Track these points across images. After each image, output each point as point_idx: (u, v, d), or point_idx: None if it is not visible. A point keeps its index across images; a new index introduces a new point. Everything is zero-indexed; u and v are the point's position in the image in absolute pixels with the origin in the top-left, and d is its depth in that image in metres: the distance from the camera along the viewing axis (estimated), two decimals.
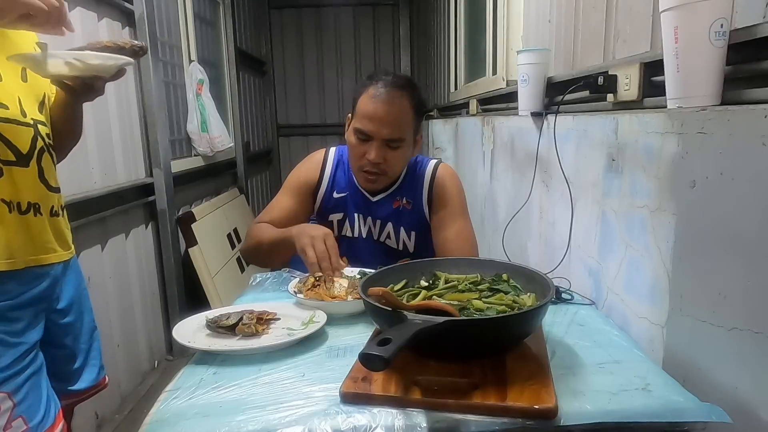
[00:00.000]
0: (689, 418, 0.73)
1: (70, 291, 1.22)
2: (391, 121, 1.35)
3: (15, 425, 1.02)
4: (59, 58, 0.99)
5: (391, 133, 1.35)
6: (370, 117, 1.35)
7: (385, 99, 1.34)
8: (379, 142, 1.36)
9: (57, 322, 1.19)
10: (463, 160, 3.18)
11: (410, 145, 1.43)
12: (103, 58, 1.03)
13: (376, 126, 1.34)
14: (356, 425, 0.72)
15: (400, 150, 1.39)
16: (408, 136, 1.40)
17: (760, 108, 0.74)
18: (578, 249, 1.39)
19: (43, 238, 1.12)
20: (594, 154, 1.30)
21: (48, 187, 1.13)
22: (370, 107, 1.35)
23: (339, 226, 1.52)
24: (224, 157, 3.99)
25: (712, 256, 0.85)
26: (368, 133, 1.36)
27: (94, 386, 1.31)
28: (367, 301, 0.88)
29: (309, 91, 6.13)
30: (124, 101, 2.47)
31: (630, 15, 1.24)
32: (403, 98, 1.36)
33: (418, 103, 1.41)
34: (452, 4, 3.76)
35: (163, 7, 3.03)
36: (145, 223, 2.70)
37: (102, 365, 1.34)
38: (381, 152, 1.36)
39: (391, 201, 1.49)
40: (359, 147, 1.39)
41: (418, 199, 1.49)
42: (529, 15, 2.06)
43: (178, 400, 0.82)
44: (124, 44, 1.07)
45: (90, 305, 1.32)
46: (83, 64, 1.01)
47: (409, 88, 1.39)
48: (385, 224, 1.49)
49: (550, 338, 0.97)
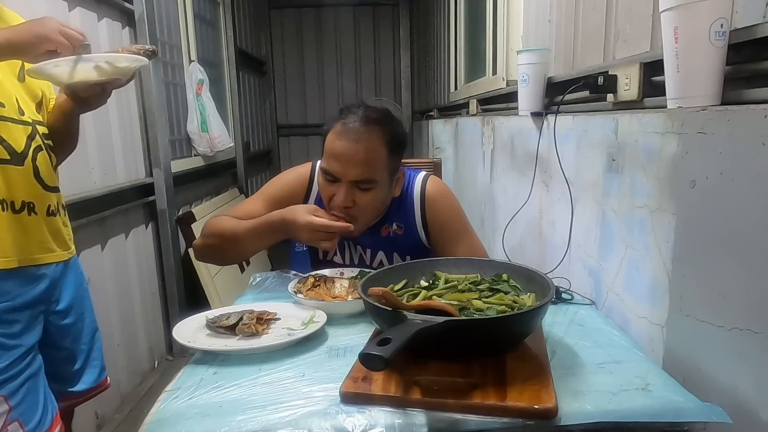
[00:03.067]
0: (689, 418, 0.73)
1: (70, 292, 1.21)
2: (359, 161, 1.21)
3: (11, 429, 1.01)
4: (90, 62, 0.99)
5: (359, 175, 1.22)
6: (336, 156, 1.22)
7: (352, 137, 1.21)
8: (347, 184, 1.22)
9: (56, 323, 1.19)
10: (463, 160, 3.18)
11: (385, 186, 1.29)
12: (130, 60, 1.04)
13: (342, 167, 1.21)
14: (356, 425, 0.72)
15: (372, 192, 1.25)
16: (381, 177, 1.25)
17: (760, 108, 0.75)
18: (578, 249, 1.39)
19: (38, 237, 1.11)
20: (594, 154, 1.30)
21: (44, 186, 1.12)
22: (337, 146, 1.22)
23: (325, 252, 1.42)
24: (224, 157, 3.99)
25: (712, 256, 0.85)
26: (334, 174, 1.23)
27: (95, 387, 1.30)
28: (367, 301, 0.88)
29: (309, 91, 6.13)
30: (124, 101, 2.47)
31: (630, 15, 1.24)
32: (372, 135, 1.22)
33: (392, 139, 1.26)
34: (452, 4, 3.76)
35: (163, 7, 3.03)
36: (145, 223, 2.70)
37: (103, 366, 1.34)
38: (349, 195, 1.23)
39: (378, 230, 1.37)
40: (327, 189, 1.26)
41: (410, 223, 1.37)
42: (529, 15, 2.06)
43: (178, 400, 0.82)
44: (138, 50, 1.07)
45: (91, 306, 1.32)
46: (112, 68, 1.01)
47: (382, 122, 1.25)
48: (376, 252, 1.40)
49: (550, 338, 0.97)
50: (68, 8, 2.05)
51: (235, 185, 4.43)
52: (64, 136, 1.22)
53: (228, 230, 1.29)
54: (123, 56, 1.04)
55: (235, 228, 1.28)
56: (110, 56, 1.02)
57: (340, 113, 1.29)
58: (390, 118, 1.30)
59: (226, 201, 3.91)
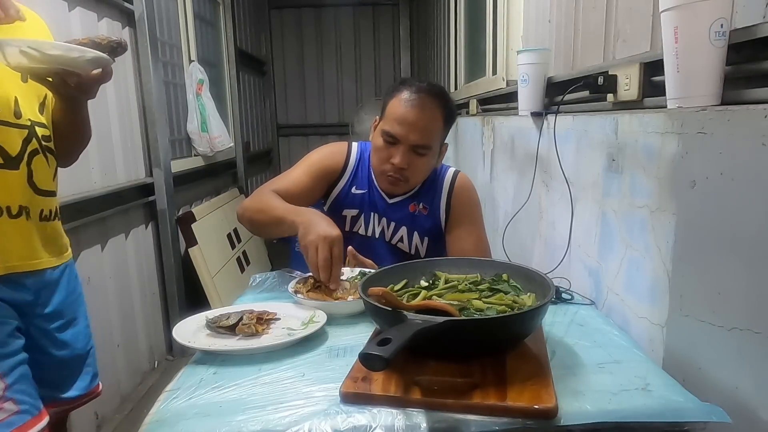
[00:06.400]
0: (689, 418, 0.73)
1: (60, 297, 1.18)
2: (421, 127, 1.32)
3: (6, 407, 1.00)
4: (13, 46, 0.92)
5: (419, 139, 1.33)
6: (400, 120, 1.32)
7: (417, 104, 1.32)
8: (405, 146, 1.33)
9: (42, 327, 1.15)
10: (463, 160, 3.18)
11: (436, 154, 1.41)
12: (65, 49, 0.94)
13: (405, 130, 1.32)
14: (356, 425, 0.72)
15: (426, 158, 1.37)
16: (435, 145, 1.38)
17: (760, 108, 0.74)
18: (578, 249, 1.39)
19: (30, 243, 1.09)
20: (594, 154, 1.30)
21: (36, 190, 1.10)
22: (401, 110, 1.33)
23: (352, 222, 1.50)
24: (224, 157, 3.99)
25: (712, 256, 0.85)
26: (396, 136, 1.33)
27: (87, 394, 1.27)
28: (367, 301, 0.88)
29: (309, 91, 6.13)
30: (124, 101, 2.48)
31: (630, 15, 1.24)
32: (435, 106, 1.34)
33: (449, 113, 1.39)
34: (452, 4, 3.76)
35: (163, 7, 3.03)
36: (145, 223, 2.70)
37: (96, 373, 1.31)
38: (406, 158, 1.34)
39: (407, 205, 1.47)
40: (385, 150, 1.36)
41: (435, 206, 1.47)
42: (529, 15, 2.06)
43: (178, 400, 0.82)
44: (101, 40, 1.00)
45: (85, 312, 1.28)
46: (41, 54, 0.93)
47: (442, 97, 1.37)
48: (399, 227, 1.47)
49: (550, 338, 0.97)
50: (68, 8, 2.05)
51: (235, 185, 4.43)
52: (65, 129, 1.19)
53: (263, 209, 1.35)
54: (52, 44, 0.96)
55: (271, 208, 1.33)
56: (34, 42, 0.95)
57: (401, 83, 1.39)
58: (446, 93, 1.41)
59: (226, 201, 3.91)
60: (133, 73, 2.59)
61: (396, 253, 1.48)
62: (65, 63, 0.97)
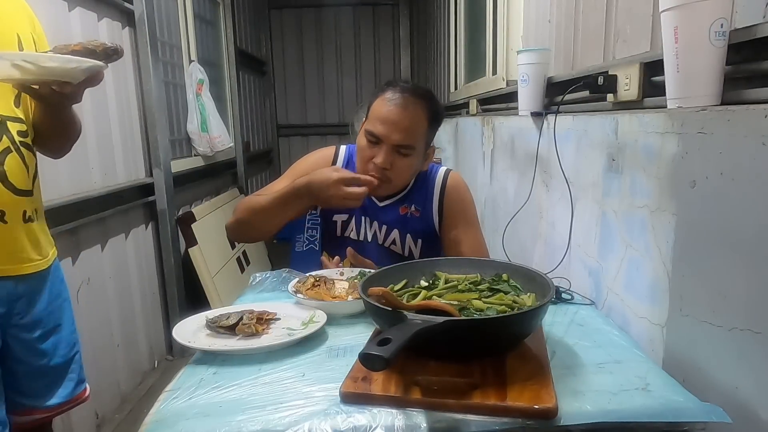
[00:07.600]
0: (689, 418, 0.73)
1: (43, 304, 1.14)
2: (404, 127, 1.32)
3: None
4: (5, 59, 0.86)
5: (401, 139, 1.32)
6: (383, 120, 1.32)
7: (399, 103, 1.32)
8: (388, 146, 1.33)
9: (19, 336, 1.11)
10: (463, 160, 3.18)
11: (420, 155, 1.40)
12: (62, 61, 0.90)
13: (388, 129, 1.32)
14: (356, 425, 0.72)
15: (409, 159, 1.36)
16: (419, 146, 1.37)
17: (760, 108, 0.74)
18: (578, 249, 1.39)
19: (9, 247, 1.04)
20: (594, 154, 1.30)
21: (14, 191, 1.04)
22: (384, 110, 1.33)
23: (343, 226, 1.50)
24: (224, 157, 3.99)
25: (712, 256, 0.85)
26: (378, 135, 1.33)
27: (69, 401, 1.22)
28: (367, 301, 0.88)
29: (309, 91, 6.13)
30: (124, 101, 2.47)
31: (630, 15, 1.24)
32: (418, 106, 1.33)
33: (433, 114, 1.38)
34: (452, 4, 3.76)
35: (163, 7, 3.03)
36: (145, 223, 2.70)
37: (81, 379, 1.26)
38: (389, 157, 1.33)
39: (398, 207, 1.46)
40: (368, 150, 1.35)
41: (427, 208, 1.47)
42: (529, 15, 2.06)
43: (178, 400, 0.82)
44: (95, 47, 0.95)
45: (71, 317, 1.24)
46: (37, 67, 0.88)
47: (427, 98, 1.36)
48: (391, 230, 1.47)
49: (550, 338, 0.97)
50: (68, 8, 2.05)
51: (235, 185, 4.43)
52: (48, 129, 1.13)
53: (256, 204, 1.38)
54: (50, 56, 0.91)
55: (262, 201, 1.36)
56: (30, 55, 0.90)
57: (387, 83, 1.40)
58: (432, 95, 1.41)
59: (226, 201, 3.91)
60: (133, 73, 2.59)
61: (390, 255, 1.47)
62: (61, 74, 0.93)
